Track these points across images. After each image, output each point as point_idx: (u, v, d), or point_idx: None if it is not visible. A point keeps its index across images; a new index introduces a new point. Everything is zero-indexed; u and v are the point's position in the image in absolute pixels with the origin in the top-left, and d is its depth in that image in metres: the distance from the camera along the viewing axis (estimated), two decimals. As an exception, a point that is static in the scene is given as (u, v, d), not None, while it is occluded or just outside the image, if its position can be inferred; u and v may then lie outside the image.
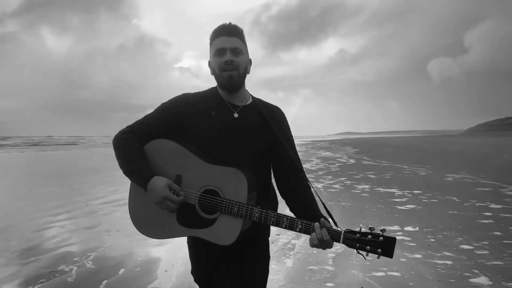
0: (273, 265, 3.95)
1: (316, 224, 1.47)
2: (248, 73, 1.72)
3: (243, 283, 1.68)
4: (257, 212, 1.51)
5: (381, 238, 1.41)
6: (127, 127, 1.68)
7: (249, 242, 1.64)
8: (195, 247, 1.72)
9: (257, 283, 1.71)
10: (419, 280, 3.60)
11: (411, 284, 3.52)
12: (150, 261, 4.19)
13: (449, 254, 4.34)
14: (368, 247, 1.42)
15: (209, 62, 1.73)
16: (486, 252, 4.41)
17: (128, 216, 1.67)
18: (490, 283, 3.51)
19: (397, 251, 4.41)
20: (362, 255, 1.44)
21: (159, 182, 1.51)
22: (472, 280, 3.59)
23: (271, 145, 1.71)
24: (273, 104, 1.83)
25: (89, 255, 4.43)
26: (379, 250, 1.40)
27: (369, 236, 1.43)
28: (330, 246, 1.46)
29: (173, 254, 4.43)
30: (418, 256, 4.28)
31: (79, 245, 4.88)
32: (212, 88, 1.77)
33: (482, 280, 3.58)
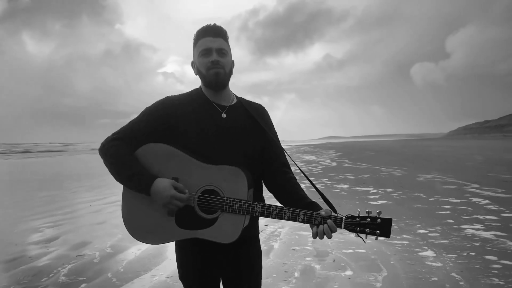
0: (262, 247, 4.81)
1: (330, 222, 1.49)
2: (231, 74, 1.73)
3: (238, 283, 1.70)
4: (259, 207, 1.53)
5: (378, 220, 1.49)
6: (113, 134, 1.64)
7: (241, 242, 1.60)
8: (184, 251, 1.71)
9: (252, 281, 1.74)
10: (379, 255, 4.50)
11: (372, 257, 4.42)
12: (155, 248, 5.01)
13: (407, 236, 5.28)
14: (368, 229, 1.49)
15: (192, 62, 1.74)
16: (437, 234, 5.37)
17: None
18: (434, 255, 4.44)
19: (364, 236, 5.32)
20: (362, 238, 1.52)
21: (163, 183, 1.51)
22: (420, 253, 4.51)
23: (260, 141, 1.73)
24: (256, 102, 1.86)
25: (108, 244, 5.22)
26: (378, 231, 1.48)
27: (368, 220, 1.50)
28: (334, 232, 1.51)
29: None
30: (382, 238, 5.18)
31: (95, 237, 5.65)
32: (196, 89, 1.77)
33: (429, 253, 4.52)
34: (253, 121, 1.73)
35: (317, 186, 1.43)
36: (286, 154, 1.79)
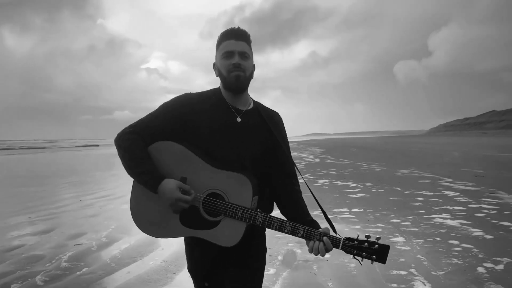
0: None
1: (325, 238, 1.52)
2: (252, 78, 1.74)
3: (243, 279, 1.71)
4: (261, 217, 1.56)
5: (376, 246, 1.50)
6: (130, 126, 1.67)
7: (249, 238, 1.63)
8: (192, 244, 1.74)
9: (256, 278, 1.75)
10: (355, 241, 4.95)
11: (348, 243, 4.87)
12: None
13: (381, 225, 5.75)
14: (364, 253, 1.50)
15: (214, 64, 1.75)
16: (409, 223, 5.86)
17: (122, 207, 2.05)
18: (404, 240, 4.91)
19: (342, 224, 5.79)
20: (358, 260, 1.53)
21: (169, 185, 1.54)
22: (392, 239, 4.98)
23: (271, 149, 1.74)
24: (272, 109, 1.86)
25: (103, 234, 5.55)
26: (374, 256, 1.49)
27: (366, 244, 1.51)
28: (329, 250, 1.54)
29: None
30: (358, 226, 5.64)
31: (89, 228, 5.96)
32: (214, 90, 1.77)
33: (399, 239, 4.98)
34: (266, 128, 1.74)
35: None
36: (295, 167, 1.81)
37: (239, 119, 1.69)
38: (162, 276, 3.83)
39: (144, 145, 1.62)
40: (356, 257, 1.52)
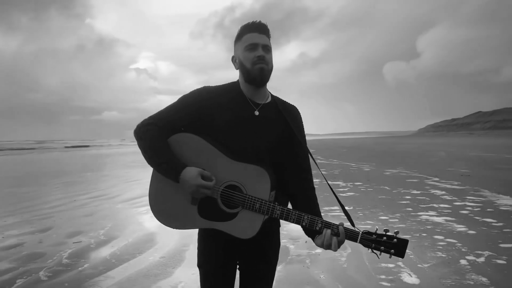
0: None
1: (341, 228, 1.54)
2: (272, 71, 1.72)
3: (255, 273, 1.74)
4: (279, 210, 1.56)
5: (395, 240, 1.49)
6: (150, 118, 1.67)
7: (264, 234, 1.65)
8: (206, 237, 1.74)
9: (269, 272, 1.78)
10: (345, 237, 5.17)
11: (339, 239, 5.08)
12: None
13: (370, 222, 5.98)
14: (382, 247, 1.49)
15: (233, 57, 1.74)
16: (396, 220, 6.10)
17: (116, 205, 2.10)
18: (392, 236, 5.14)
19: (333, 221, 5.99)
20: (376, 254, 1.52)
21: (191, 172, 1.54)
22: (380, 235, 5.20)
23: (288, 143, 1.74)
24: (291, 103, 1.86)
25: (100, 232, 5.68)
26: (392, 250, 1.49)
27: (384, 238, 1.50)
28: (342, 244, 1.55)
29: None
30: (347, 224, 5.85)
31: (86, 227, 6.09)
32: (233, 83, 1.76)
33: (387, 235, 5.21)
34: (284, 121, 1.74)
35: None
36: (311, 158, 1.79)
37: (257, 113, 1.69)
38: (161, 270, 4.00)
39: (164, 136, 1.63)
40: (374, 251, 1.52)
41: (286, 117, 1.74)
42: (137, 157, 26.13)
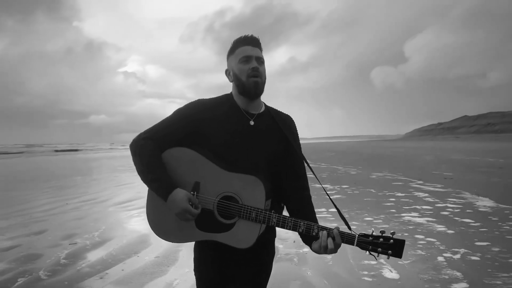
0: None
1: (335, 231, 1.55)
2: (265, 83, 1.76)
3: (253, 280, 1.75)
4: (275, 218, 1.57)
5: (391, 240, 1.49)
6: (145, 132, 1.70)
7: (259, 244, 1.66)
8: (203, 249, 1.76)
9: (262, 281, 1.79)
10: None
11: (325, 238, 5.34)
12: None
13: (355, 223, 6.25)
14: (380, 249, 1.50)
15: (227, 70, 1.77)
16: (380, 221, 6.39)
17: (107, 209, 2.17)
18: (375, 236, 5.42)
19: (320, 223, 6.23)
20: (374, 256, 1.53)
21: (180, 195, 1.56)
22: (364, 235, 5.47)
23: (284, 151, 1.76)
24: (285, 112, 1.88)
25: (95, 234, 5.84)
26: (390, 251, 1.49)
27: (381, 239, 1.50)
28: (338, 247, 1.56)
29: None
30: (335, 224, 6.11)
31: (80, 229, 6.24)
32: (226, 95, 1.79)
33: (371, 235, 5.48)
34: (279, 130, 1.76)
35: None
36: (307, 165, 1.82)
37: (252, 123, 1.72)
38: (157, 269, 4.19)
39: (158, 151, 1.65)
40: (372, 253, 1.52)
41: (281, 126, 1.77)
42: (125, 161, 26.14)
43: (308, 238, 1.63)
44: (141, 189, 11.01)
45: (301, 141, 1.87)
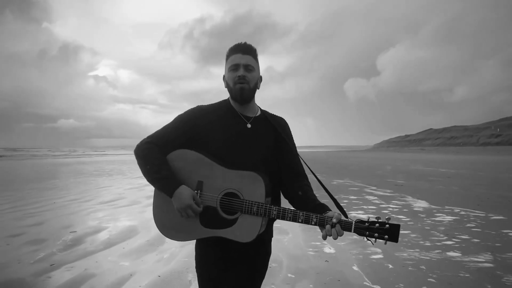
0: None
1: (334, 218, 1.60)
2: (258, 88, 1.83)
3: (247, 278, 1.82)
4: (275, 210, 1.64)
5: (387, 225, 1.57)
6: (148, 137, 1.76)
7: (257, 242, 1.73)
8: (204, 247, 1.81)
9: (258, 278, 1.90)
10: (292, 231, 6.66)
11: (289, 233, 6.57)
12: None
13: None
14: (376, 234, 1.57)
15: (223, 76, 1.85)
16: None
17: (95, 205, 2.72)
18: (324, 227, 6.70)
19: (287, 224, 7.45)
20: (371, 241, 1.60)
21: (185, 192, 1.64)
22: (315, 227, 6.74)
23: (280, 151, 1.84)
24: (278, 115, 1.94)
25: (91, 224, 6.85)
26: (386, 236, 1.56)
27: (377, 225, 1.58)
28: (341, 235, 1.58)
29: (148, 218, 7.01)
30: (297, 224, 7.35)
31: (74, 222, 7.21)
32: (224, 101, 1.87)
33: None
34: (275, 131, 1.86)
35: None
36: (304, 163, 1.91)
37: (249, 125, 1.81)
38: (149, 248, 5.29)
39: (162, 153, 1.74)
40: (369, 238, 1.60)
41: (277, 127, 1.87)
42: (99, 166, 26.66)
43: (320, 224, 1.66)
44: (122, 191, 11.97)
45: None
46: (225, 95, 1.94)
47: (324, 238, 1.64)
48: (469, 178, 17.23)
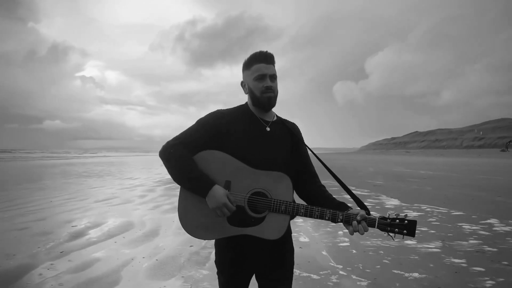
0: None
1: (361, 214, 1.71)
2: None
3: (272, 277, 1.87)
4: (303, 208, 1.72)
5: (406, 222, 1.69)
6: (174, 139, 1.81)
7: (279, 240, 1.76)
8: (224, 248, 1.87)
9: (286, 275, 1.92)
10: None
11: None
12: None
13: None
14: (397, 229, 1.68)
15: (242, 82, 1.94)
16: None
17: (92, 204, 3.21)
18: (300, 220, 7.45)
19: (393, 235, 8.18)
20: (391, 236, 1.72)
21: (220, 191, 1.69)
22: (295, 220, 7.49)
23: (296, 153, 1.97)
24: (291, 121, 2.08)
25: (89, 220, 7.50)
26: (405, 231, 1.68)
27: (397, 221, 1.69)
28: (366, 231, 1.70)
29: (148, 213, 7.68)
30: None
31: (73, 218, 7.83)
32: (242, 106, 1.96)
33: (297, 220, 7.51)
34: (291, 135, 1.97)
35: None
36: (323, 165, 2.01)
37: (268, 129, 1.90)
38: (145, 239, 5.98)
39: (190, 154, 1.77)
40: (390, 233, 1.70)
41: (292, 131, 1.99)
42: (88, 168, 27.05)
43: (346, 222, 1.76)
44: (114, 191, 12.58)
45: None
46: (214, 97, 2.25)
47: (352, 233, 1.74)
48: (442, 179, 18.25)
